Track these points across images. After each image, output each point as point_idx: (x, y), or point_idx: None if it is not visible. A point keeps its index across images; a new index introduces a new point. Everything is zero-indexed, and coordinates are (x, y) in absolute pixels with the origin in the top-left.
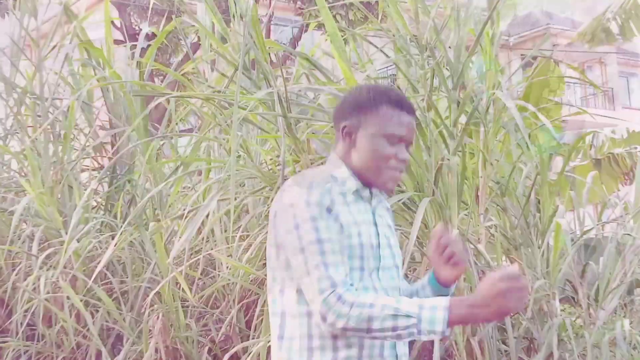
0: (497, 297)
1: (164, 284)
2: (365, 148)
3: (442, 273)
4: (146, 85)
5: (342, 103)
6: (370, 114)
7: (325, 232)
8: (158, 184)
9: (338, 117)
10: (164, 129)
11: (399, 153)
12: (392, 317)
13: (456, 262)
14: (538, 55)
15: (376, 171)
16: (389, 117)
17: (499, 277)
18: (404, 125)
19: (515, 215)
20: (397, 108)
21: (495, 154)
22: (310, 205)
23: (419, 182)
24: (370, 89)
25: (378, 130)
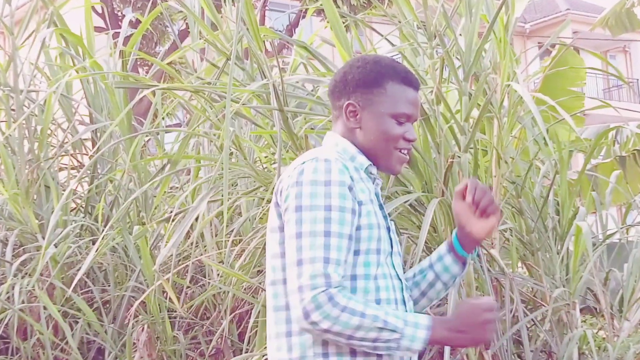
0: (478, 326)
1: (149, 292)
2: (373, 129)
3: (474, 228)
4: (130, 76)
5: (344, 78)
6: (378, 92)
7: (337, 224)
8: (143, 183)
9: (339, 93)
10: (149, 124)
11: (407, 133)
12: (378, 329)
13: (489, 212)
14: (557, 43)
15: (384, 153)
16: (398, 94)
17: (485, 306)
18: (413, 103)
19: (532, 218)
20: (404, 84)
21: (510, 151)
22: (331, 185)
23: (427, 181)
24: (375, 63)
25: (387, 109)
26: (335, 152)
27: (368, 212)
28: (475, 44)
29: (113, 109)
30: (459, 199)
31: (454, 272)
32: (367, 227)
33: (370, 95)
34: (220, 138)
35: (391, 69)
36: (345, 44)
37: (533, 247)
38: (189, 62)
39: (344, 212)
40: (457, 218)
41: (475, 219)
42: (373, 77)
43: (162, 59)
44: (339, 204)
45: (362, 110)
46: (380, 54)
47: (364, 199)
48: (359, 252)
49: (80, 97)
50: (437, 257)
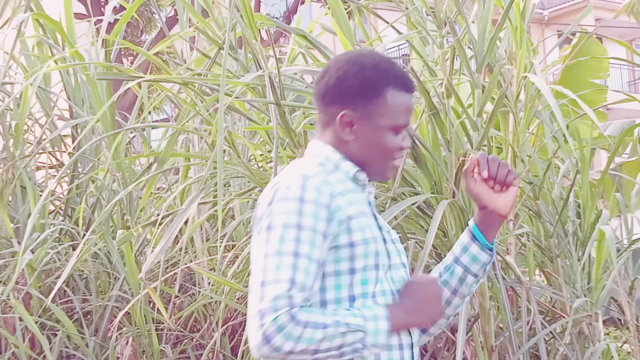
0: (432, 301)
1: (134, 302)
2: (371, 142)
3: (498, 204)
4: (113, 67)
5: (339, 84)
6: (377, 101)
7: (307, 246)
8: (127, 184)
9: (331, 99)
10: (134, 119)
11: (403, 141)
12: (342, 334)
13: (508, 183)
14: (578, 32)
15: (380, 164)
16: (398, 103)
17: (432, 280)
18: (410, 110)
19: (551, 222)
20: (403, 90)
21: (527, 149)
22: (305, 204)
23: (437, 182)
24: (374, 68)
25: (387, 121)
26: (317, 163)
27: (361, 226)
28: (489, 32)
29: (95, 102)
30: (471, 179)
31: (484, 260)
32: (362, 242)
33: (369, 106)
34: (211, 134)
35: (390, 73)
36: (347, 32)
37: (552, 253)
38: (177, 52)
39: (316, 234)
40: (477, 201)
41: (495, 194)
42: (372, 85)
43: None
44: (311, 225)
45: (359, 122)
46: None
47: (355, 212)
48: (355, 271)
49: (60, 90)
50: (460, 248)
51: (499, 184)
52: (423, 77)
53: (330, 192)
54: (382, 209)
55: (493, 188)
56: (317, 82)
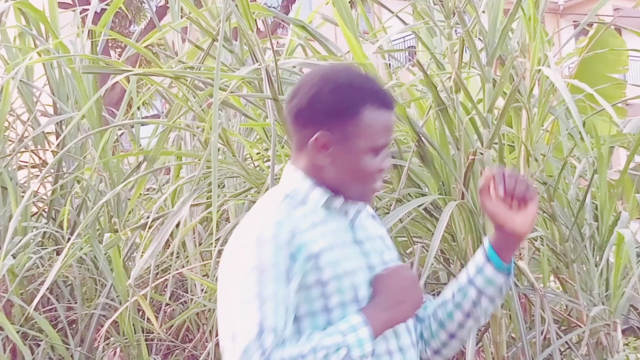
0: (407, 289)
1: (122, 311)
2: (348, 164)
3: (517, 223)
4: (100, 59)
5: (311, 104)
6: (354, 122)
7: (272, 286)
8: (115, 184)
9: (304, 120)
10: (122, 115)
11: (383, 162)
12: (324, 358)
13: (526, 199)
14: (595, 22)
15: (359, 188)
16: (376, 123)
17: (401, 268)
18: (390, 129)
19: (567, 225)
20: (381, 108)
21: (541, 147)
22: (264, 244)
23: (445, 182)
24: (350, 86)
25: (365, 143)
26: (284, 195)
27: (333, 261)
28: (500, 22)
29: (81, 97)
30: (486, 196)
31: (499, 283)
32: (333, 278)
33: (345, 127)
34: (205, 132)
35: (368, 91)
36: (349, 22)
37: (567, 259)
38: (168, 44)
39: (278, 275)
40: (493, 220)
41: (513, 212)
42: (348, 104)
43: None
44: (271, 266)
45: (334, 144)
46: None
47: (323, 247)
48: (331, 309)
49: (43, 84)
50: (475, 269)
51: (517, 202)
52: (430, 70)
53: (290, 230)
54: (387, 210)
55: (510, 206)
56: (289, 102)
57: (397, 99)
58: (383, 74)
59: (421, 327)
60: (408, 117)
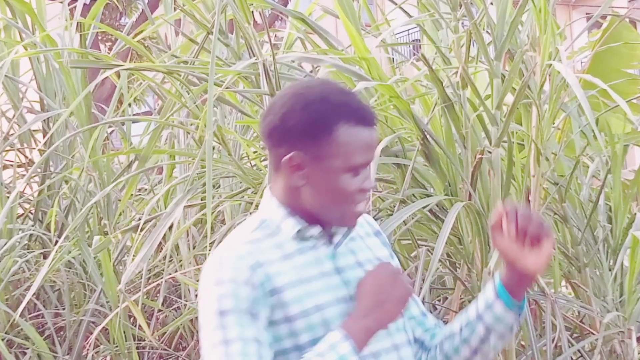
0: (388, 288)
1: (112, 317)
2: (325, 186)
3: (529, 262)
4: (89, 54)
5: (283, 122)
6: (328, 140)
7: (236, 328)
8: (105, 185)
9: (277, 139)
10: (112, 112)
11: (364, 182)
12: None
13: (540, 238)
14: (609, 14)
15: (338, 212)
16: (352, 141)
17: (380, 267)
18: (369, 147)
19: (579, 227)
20: (359, 124)
21: (552, 146)
22: (223, 285)
23: (451, 182)
24: (322, 102)
25: (341, 163)
26: (259, 221)
27: (300, 296)
28: (509, 14)
29: (69, 93)
30: (498, 232)
31: (509, 322)
32: (300, 315)
33: (319, 146)
34: (199, 129)
35: (342, 107)
36: (351, 14)
37: (580, 263)
38: (161, 37)
39: (241, 314)
40: (504, 257)
41: (526, 251)
42: (320, 121)
43: (128, 33)
44: (233, 307)
45: (309, 164)
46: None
47: (289, 281)
48: (302, 347)
49: (29, 79)
50: (484, 305)
51: (531, 240)
52: (436, 65)
53: (251, 264)
54: (390, 212)
55: (523, 244)
56: (263, 120)
57: (404, 95)
58: (386, 68)
59: (427, 357)
60: (412, 114)
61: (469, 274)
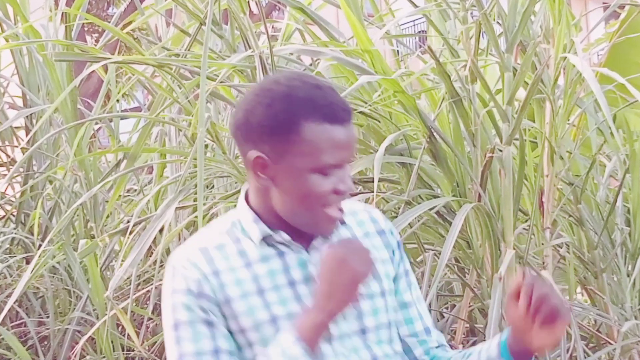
0: (333, 277)
1: (99, 326)
2: (291, 189)
3: (535, 340)
4: (75, 46)
5: (246, 120)
6: (292, 140)
7: (189, 343)
8: (92, 185)
9: (242, 138)
10: (99, 107)
11: (338, 184)
12: None
13: (552, 320)
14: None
15: (309, 216)
16: (319, 139)
17: (330, 250)
18: (342, 146)
19: (595, 230)
20: (327, 122)
21: (567, 143)
22: (174, 295)
23: (460, 182)
24: (286, 98)
25: (306, 163)
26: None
27: (251, 308)
28: (521, 4)
29: (53, 88)
30: (513, 304)
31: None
32: (253, 328)
33: (283, 145)
34: (191, 126)
35: (308, 103)
36: (353, 4)
37: (596, 268)
38: (151, 28)
39: (194, 325)
40: (513, 328)
41: (536, 328)
42: (284, 119)
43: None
44: (186, 319)
45: (273, 164)
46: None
47: (241, 292)
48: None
49: (11, 73)
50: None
51: (543, 319)
52: (443, 57)
53: (205, 272)
54: (395, 214)
55: (534, 320)
56: (231, 117)
57: (409, 90)
58: (390, 61)
59: None
60: (418, 110)
61: (479, 280)
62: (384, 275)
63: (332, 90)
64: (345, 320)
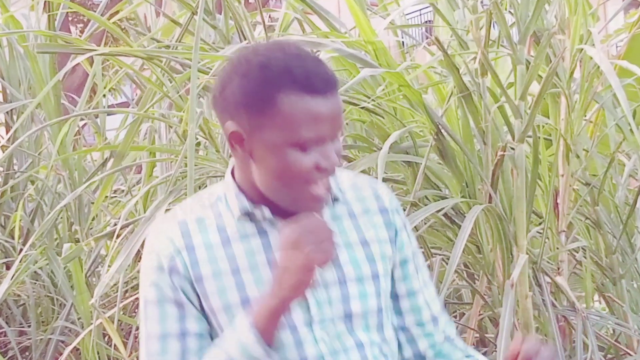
0: (287, 257)
1: (84, 336)
2: (269, 165)
3: None
4: (58, 37)
5: (222, 90)
6: (268, 112)
7: (156, 324)
8: (76, 185)
9: (219, 110)
10: (84, 102)
11: (320, 160)
12: None
13: None
14: None
15: (290, 194)
16: (297, 112)
17: (280, 238)
18: (322, 120)
19: (614, 233)
20: (306, 92)
21: (584, 141)
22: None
23: (469, 182)
24: (262, 68)
25: (283, 137)
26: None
27: (222, 289)
28: None
29: (35, 82)
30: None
31: None
32: (222, 310)
33: (259, 118)
34: (183, 122)
35: (285, 74)
36: None
37: (615, 274)
38: (139, 18)
39: (163, 305)
40: None
41: None
42: (259, 90)
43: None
44: (155, 297)
45: (250, 138)
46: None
47: (213, 271)
48: None
49: None
50: None
51: None
52: (451, 49)
53: (178, 247)
54: None
55: None
56: (212, 87)
57: (415, 84)
58: (395, 54)
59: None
60: (425, 106)
61: (489, 286)
62: (380, 257)
63: (315, 60)
64: (329, 304)
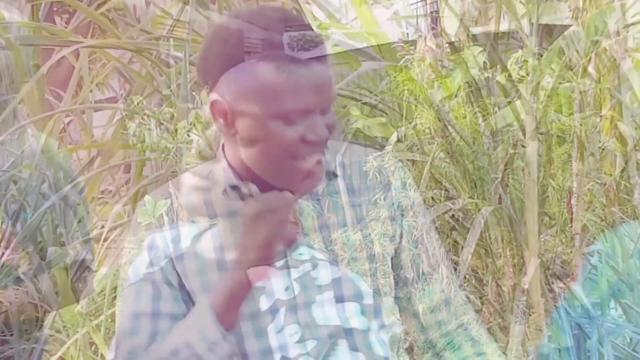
0: (245, 235)
1: (70, 345)
2: (252, 138)
3: None
4: (43, 28)
5: (202, 58)
6: (248, 81)
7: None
8: (61, 186)
9: (201, 78)
10: (70, 98)
11: (307, 132)
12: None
13: None
14: None
15: (277, 170)
16: (279, 82)
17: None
18: (306, 89)
19: (631, 236)
20: (288, 60)
21: (599, 139)
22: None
23: (477, 182)
24: (239, 34)
25: (262, 108)
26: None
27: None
28: None
29: (18, 75)
30: None
31: None
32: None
33: (239, 87)
34: (174, 119)
35: (265, 40)
36: None
37: (632, 279)
38: (128, 8)
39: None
40: None
41: None
42: (237, 58)
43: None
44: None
45: (232, 109)
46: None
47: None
48: None
49: None
50: None
51: None
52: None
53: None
54: None
55: None
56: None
57: (420, 78)
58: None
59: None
60: (431, 101)
61: (499, 292)
62: (377, 237)
63: (302, 26)
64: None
